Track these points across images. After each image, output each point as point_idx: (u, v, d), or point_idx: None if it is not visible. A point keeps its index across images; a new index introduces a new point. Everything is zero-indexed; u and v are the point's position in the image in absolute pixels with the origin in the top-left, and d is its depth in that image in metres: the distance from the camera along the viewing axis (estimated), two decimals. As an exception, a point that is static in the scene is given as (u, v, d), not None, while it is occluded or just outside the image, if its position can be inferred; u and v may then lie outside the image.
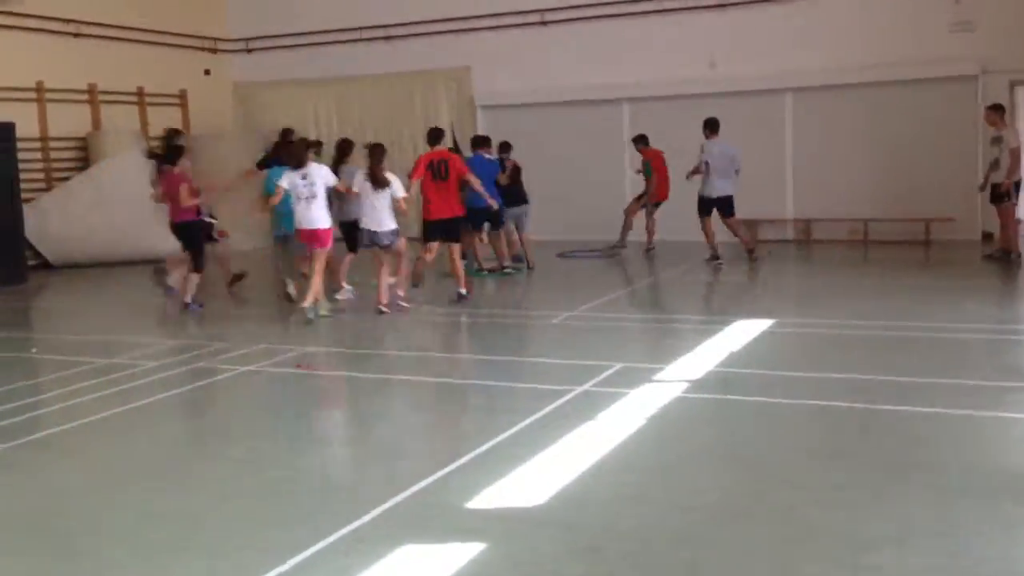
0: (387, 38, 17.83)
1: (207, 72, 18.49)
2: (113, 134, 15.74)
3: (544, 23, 16.70)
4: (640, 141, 14.59)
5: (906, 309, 9.19)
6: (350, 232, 10.61)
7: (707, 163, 12.85)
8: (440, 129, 11.14)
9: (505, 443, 5.42)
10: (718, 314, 9.19)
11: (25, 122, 14.52)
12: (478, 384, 7.18)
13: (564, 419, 5.82)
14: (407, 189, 9.93)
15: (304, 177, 9.41)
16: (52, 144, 15.33)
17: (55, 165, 15.36)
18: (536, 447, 5.30)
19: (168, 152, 11.29)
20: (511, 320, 9.82)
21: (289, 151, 10.11)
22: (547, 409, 6.03)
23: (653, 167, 14.33)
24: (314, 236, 9.39)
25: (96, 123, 16.05)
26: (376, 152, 9.78)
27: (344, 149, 11.38)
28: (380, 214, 9.58)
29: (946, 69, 14.39)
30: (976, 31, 14.27)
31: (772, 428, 5.67)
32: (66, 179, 15.26)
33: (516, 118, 16.74)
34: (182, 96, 17.84)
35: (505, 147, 13.23)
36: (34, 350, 8.88)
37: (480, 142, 12.78)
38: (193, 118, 18.00)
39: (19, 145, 13.80)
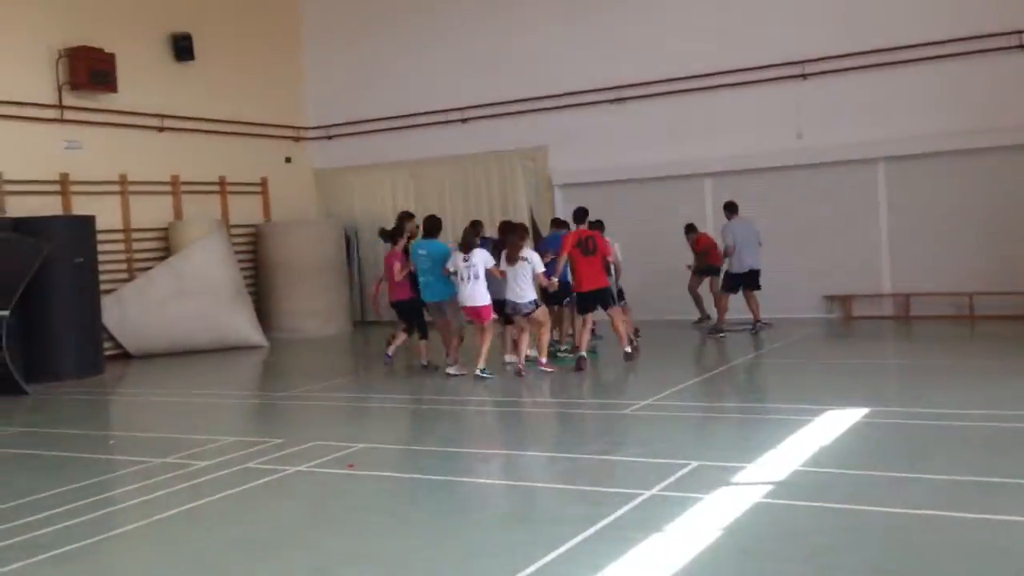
0: (463, 120, 17.77)
1: (288, 160, 18.71)
2: (194, 223, 15.90)
3: (621, 99, 16.38)
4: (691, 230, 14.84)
5: (1020, 397, 8.29)
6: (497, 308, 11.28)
7: (733, 243, 13.43)
8: (585, 208, 11.80)
9: (555, 565, 4.82)
10: (809, 402, 8.41)
11: (108, 214, 14.81)
12: (527, 487, 6.58)
13: (626, 531, 5.20)
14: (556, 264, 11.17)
15: (466, 260, 10.73)
16: (134, 235, 15.56)
17: (137, 255, 15.56)
18: (589, 569, 4.68)
19: (390, 233, 12.23)
20: (579, 410, 9.22)
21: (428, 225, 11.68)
22: (607, 519, 5.42)
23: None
24: (477, 313, 10.82)
25: (178, 212, 16.27)
26: (515, 231, 11.04)
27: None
28: (520, 286, 10.71)
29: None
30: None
31: (864, 543, 4.93)
32: (147, 268, 15.41)
33: (593, 196, 16.30)
34: (263, 184, 18.04)
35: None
36: (111, 442, 8.89)
37: (557, 223, 13.18)
38: (274, 205, 18.17)
39: (100, 236, 14.00)
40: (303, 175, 18.98)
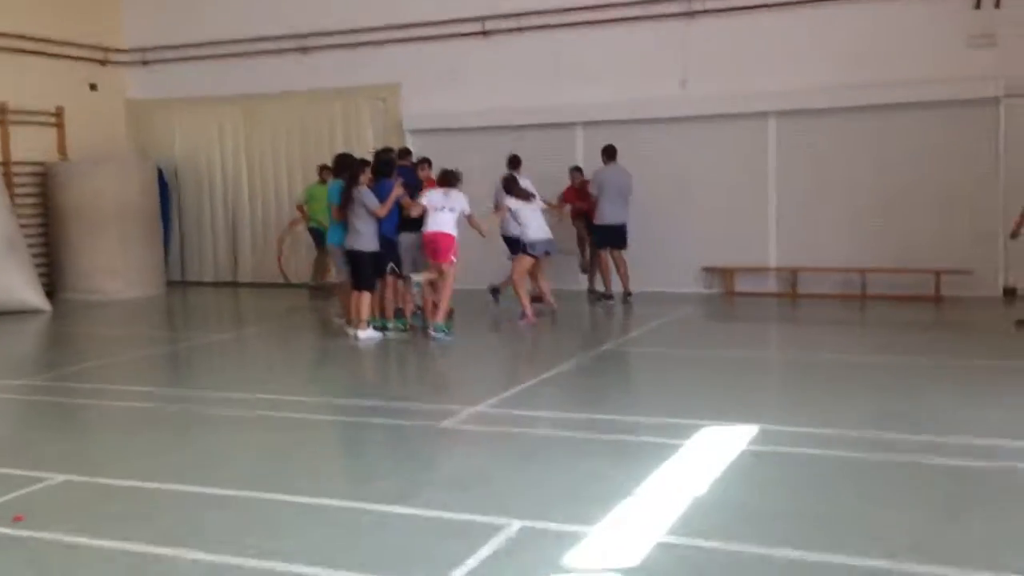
0: (303, 49, 15.23)
1: (93, 87, 15.78)
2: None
3: (485, 33, 14.16)
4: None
5: (940, 409, 6.59)
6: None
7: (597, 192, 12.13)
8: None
9: None
10: (680, 414, 6.52)
11: None
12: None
13: None
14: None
15: (446, 194, 10.12)
16: None
17: None
18: None
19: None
20: (378, 422, 7.11)
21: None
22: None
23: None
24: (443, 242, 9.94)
25: (-63, 144, 13.29)
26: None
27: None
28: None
29: (962, 90, 11.92)
30: (999, 46, 11.84)
31: None
32: None
33: (451, 144, 14.16)
34: (58, 114, 15.10)
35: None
36: None
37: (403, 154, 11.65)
38: (73, 141, 15.27)
39: None
40: (111, 106, 16.08)
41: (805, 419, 6.38)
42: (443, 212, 10.02)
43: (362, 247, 9.93)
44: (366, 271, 9.99)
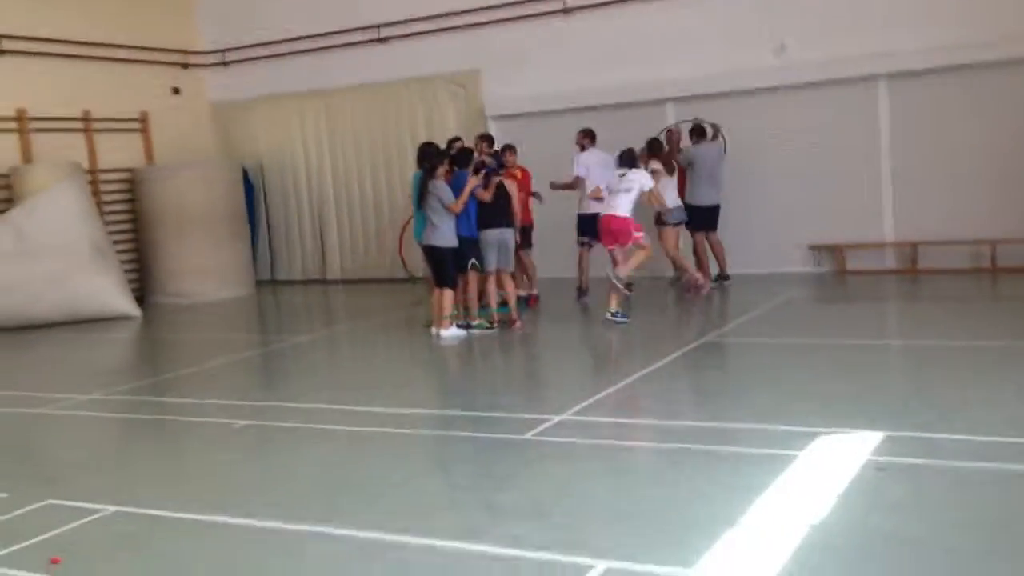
0: (380, 39, 14.80)
1: (176, 91, 15.73)
2: (45, 167, 13.00)
3: (566, 10, 13.44)
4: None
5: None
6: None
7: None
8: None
9: None
10: (789, 420, 5.77)
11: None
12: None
13: None
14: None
15: (622, 175, 9.85)
16: (-33, 182, 12.70)
17: (-29, 208, 12.71)
18: None
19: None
20: (456, 435, 6.55)
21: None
22: None
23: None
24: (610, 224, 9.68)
25: (26, 155, 13.35)
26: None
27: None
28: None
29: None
30: None
31: None
32: (-15, 224, 12.55)
33: (535, 128, 13.54)
34: (143, 120, 15.08)
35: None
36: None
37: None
38: (159, 145, 15.24)
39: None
40: (196, 110, 16.00)
41: (940, 423, 5.54)
42: (619, 195, 9.73)
43: (439, 243, 9.41)
44: (446, 267, 9.47)
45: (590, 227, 10.63)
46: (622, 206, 9.66)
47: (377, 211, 15.20)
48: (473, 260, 9.58)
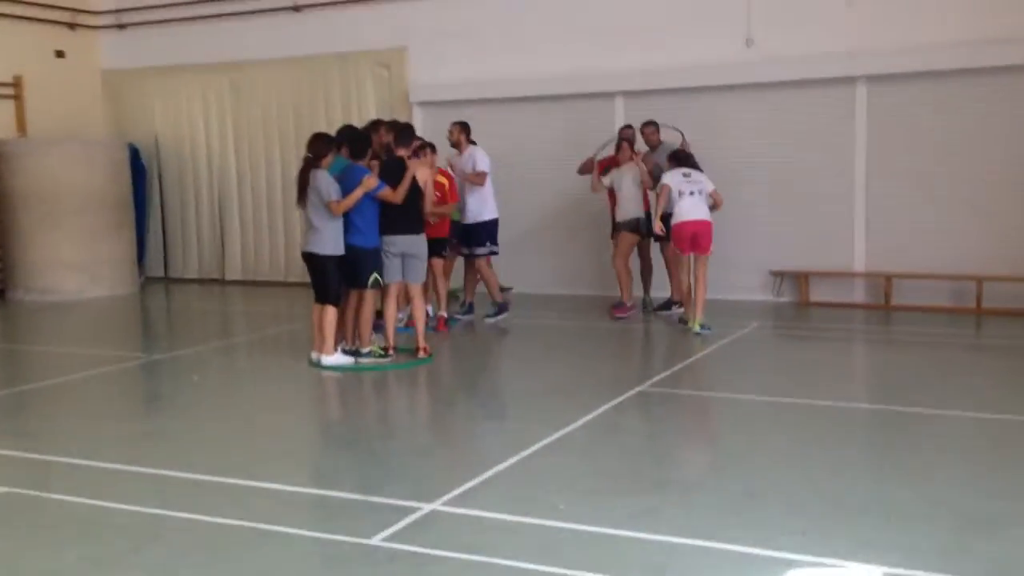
0: (296, 8, 12.94)
1: (60, 54, 13.70)
2: None
3: (508, -15, 11.75)
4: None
5: None
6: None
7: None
8: None
9: None
10: (740, 536, 4.11)
11: None
12: None
13: None
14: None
15: (687, 175, 9.06)
16: None
17: None
18: None
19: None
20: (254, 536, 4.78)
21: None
22: None
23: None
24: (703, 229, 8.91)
25: None
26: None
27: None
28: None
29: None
30: None
31: None
32: None
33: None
34: (16, 84, 13.05)
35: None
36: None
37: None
38: (36, 116, 13.22)
39: None
40: (82, 77, 13.96)
41: (959, 551, 3.90)
42: (693, 196, 8.95)
43: (320, 250, 7.64)
44: (328, 280, 7.70)
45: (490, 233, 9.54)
46: (703, 209, 8.94)
47: (287, 204, 13.23)
48: (376, 275, 7.82)
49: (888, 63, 10.01)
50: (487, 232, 9.60)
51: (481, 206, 9.57)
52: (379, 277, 7.83)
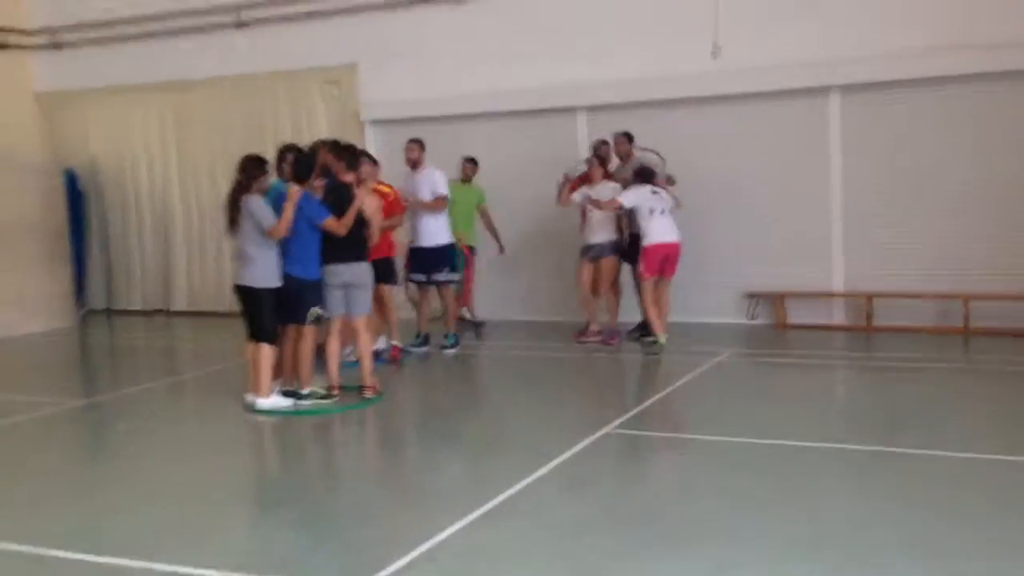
0: (241, 24, 12.26)
1: (-12, 75, 12.94)
2: None
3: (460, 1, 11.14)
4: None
5: None
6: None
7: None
8: None
9: None
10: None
11: None
12: None
13: None
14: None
15: (655, 192, 8.81)
16: None
17: None
18: None
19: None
20: None
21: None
22: None
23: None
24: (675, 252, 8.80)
25: None
26: None
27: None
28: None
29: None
30: None
31: None
32: None
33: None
34: (-61, 109, 12.28)
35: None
36: None
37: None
38: (-39, 141, 12.42)
39: None
40: (14, 100, 13.07)
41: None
42: (664, 215, 8.77)
43: (254, 283, 6.95)
44: (263, 315, 7.00)
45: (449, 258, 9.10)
46: (675, 229, 8.80)
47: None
48: (318, 309, 7.12)
49: (863, 71, 9.48)
50: (447, 256, 8.99)
51: (440, 228, 8.97)
52: (320, 312, 7.15)
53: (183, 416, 7.55)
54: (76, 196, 13.00)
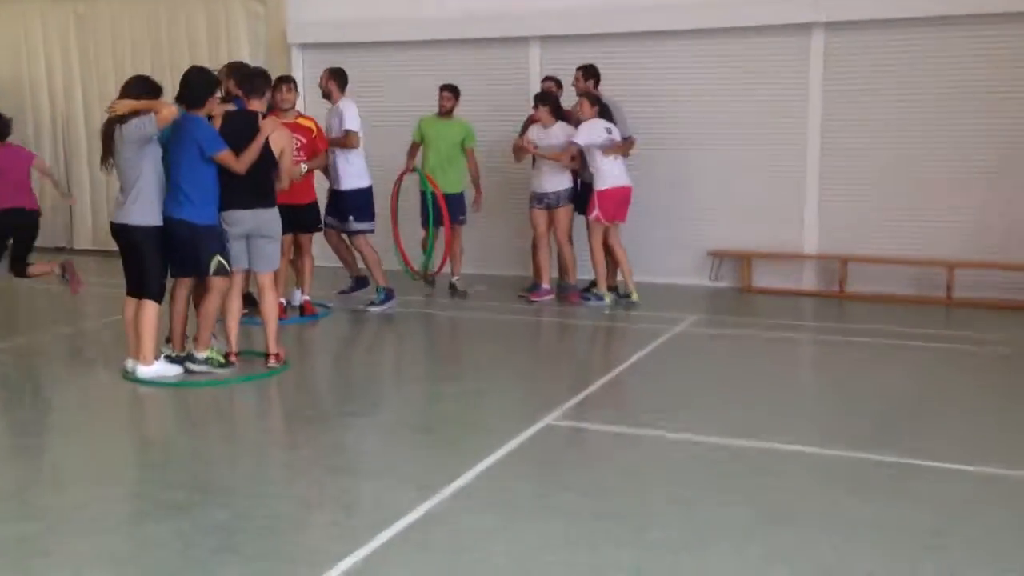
0: (152, -73, 10.84)
1: None
2: None
3: (403, -96, 9.83)
4: None
5: None
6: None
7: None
8: None
9: None
10: None
11: None
12: None
13: None
14: None
15: (608, 131, 7.95)
16: None
17: None
18: None
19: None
20: None
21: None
22: None
23: None
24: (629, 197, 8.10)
25: None
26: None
27: None
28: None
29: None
30: None
31: None
32: None
33: (355, 65, 9.97)
34: None
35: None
36: None
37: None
38: None
39: None
40: None
41: None
42: (615, 158, 8.01)
43: (131, 219, 5.82)
44: (148, 263, 5.88)
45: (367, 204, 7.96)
46: (626, 171, 8.13)
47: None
48: (219, 258, 6.00)
49: (849, 7, 8.45)
50: (363, 202, 7.88)
51: (354, 170, 7.84)
52: (223, 260, 6.03)
53: (44, 385, 6.34)
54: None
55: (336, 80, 7.84)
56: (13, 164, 8.02)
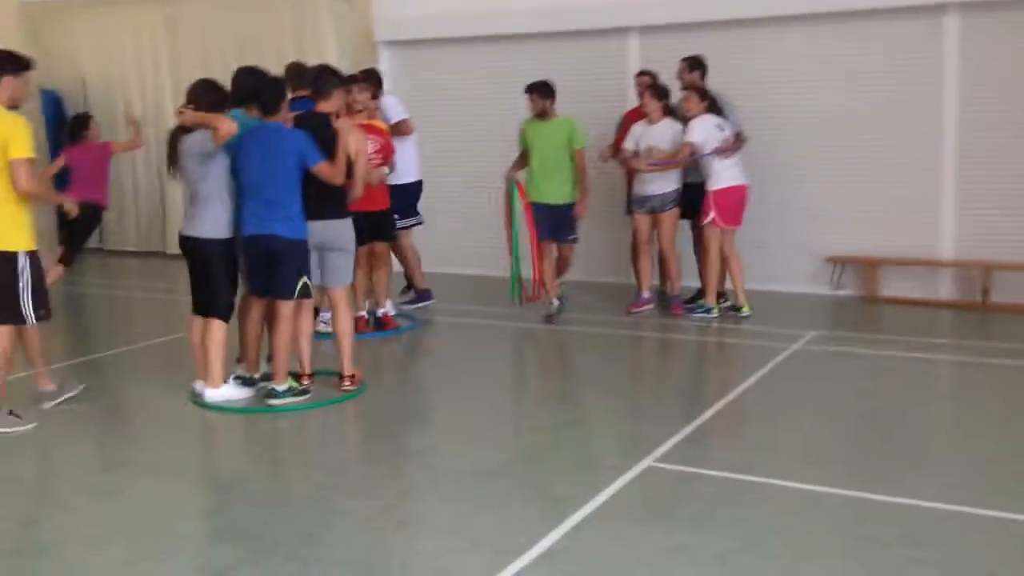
0: (239, -75, 10.56)
1: (-39, -17, 11.45)
2: None
3: None
4: None
5: None
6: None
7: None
8: None
9: None
10: None
11: None
12: None
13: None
14: None
15: (720, 127, 7.22)
16: None
17: None
18: None
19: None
20: None
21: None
22: None
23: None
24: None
25: None
26: None
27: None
28: None
29: None
30: None
31: None
32: None
33: (442, 63, 9.51)
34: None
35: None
36: None
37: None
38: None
39: None
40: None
41: None
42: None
43: (201, 232, 5.42)
44: (215, 280, 5.47)
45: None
46: (742, 169, 7.44)
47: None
48: (305, 279, 5.53)
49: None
50: (409, 198, 7.54)
51: (403, 164, 7.38)
52: (309, 282, 5.57)
53: (108, 410, 5.91)
54: (60, 121, 11.53)
55: (371, 82, 7.31)
56: (82, 160, 8.18)
